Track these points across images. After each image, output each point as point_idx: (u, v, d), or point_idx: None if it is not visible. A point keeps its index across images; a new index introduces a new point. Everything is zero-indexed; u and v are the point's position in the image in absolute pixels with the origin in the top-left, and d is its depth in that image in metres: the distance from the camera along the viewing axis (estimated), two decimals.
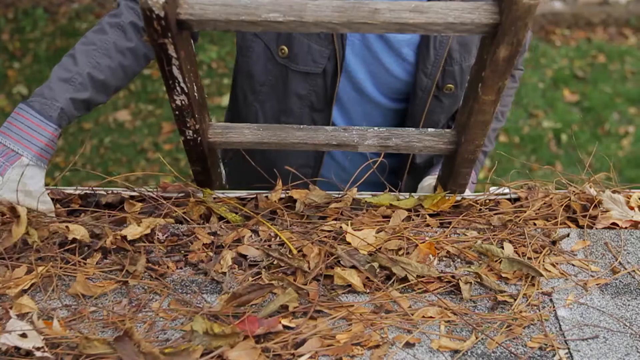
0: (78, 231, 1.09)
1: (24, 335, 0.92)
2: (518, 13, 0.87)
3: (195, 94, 1.05)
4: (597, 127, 4.17)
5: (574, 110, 4.31)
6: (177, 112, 1.06)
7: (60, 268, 1.07)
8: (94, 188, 1.26)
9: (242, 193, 1.27)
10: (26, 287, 1.03)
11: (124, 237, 1.11)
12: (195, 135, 1.11)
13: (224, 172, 1.35)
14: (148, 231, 1.12)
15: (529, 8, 0.87)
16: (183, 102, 1.04)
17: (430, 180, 1.47)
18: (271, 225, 1.16)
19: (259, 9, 0.92)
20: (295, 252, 1.10)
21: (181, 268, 1.11)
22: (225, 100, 4.28)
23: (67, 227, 1.11)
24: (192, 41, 1.03)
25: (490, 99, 1.02)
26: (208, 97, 5.00)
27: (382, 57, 1.41)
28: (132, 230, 1.10)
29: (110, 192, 1.24)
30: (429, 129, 1.18)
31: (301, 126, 1.19)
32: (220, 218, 1.21)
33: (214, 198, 1.24)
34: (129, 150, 3.99)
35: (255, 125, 1.18)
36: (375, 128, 1.18)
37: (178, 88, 1.01)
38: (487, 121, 1.07)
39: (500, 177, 1.33)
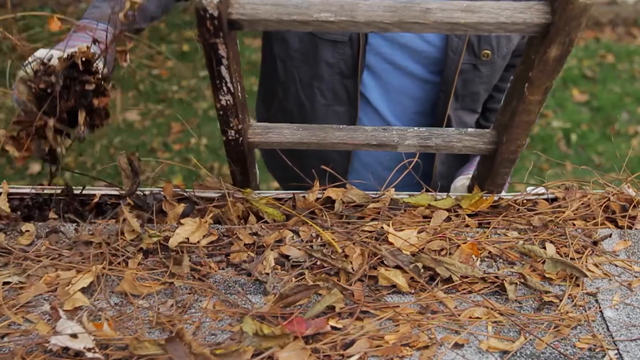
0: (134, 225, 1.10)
1: (74, 336, 0.92)
2: (573, 13, 0.87)
3: (239, 94, 1.05)
4: (607, 127, 4.18)
5: (583, 110, 4.31)
6: (221, 112, 1.06)
7: (109, 268, 1.07)
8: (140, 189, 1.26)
9: (279, 193, 1.26)
10: (85, 286, 1.03)
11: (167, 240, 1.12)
12: (237, 136, 1.11)
13: (258, 172, 1.34)
14: (198, 238, 1.12)
15: (584, 7, 0.86)
16: (228, 102, 1.03)
17: (463, 180, 1.46)
18: (312, 225, 1.16)
19: (310, 9, 0.92)
20: (339, 251, 1.09)
21: (223, 269, 1.11)
22: None
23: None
24: (237, 41, 1.03)
25: (537, 99, 1.02)
26: None
27: None
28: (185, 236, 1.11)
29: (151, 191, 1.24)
30: (469, 129, 1.18)
31: (341, 126, 1.18)
32: (259, 219, 1.21)
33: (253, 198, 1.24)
34: (138, 150, 3.98)
35: (295, 125, 1.18)
36: (415, 128, 1.18)
37: (224, 88, 1.00)
38: (532, 121, 1.06)
39: (512, 177, 1.33)
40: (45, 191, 1.26)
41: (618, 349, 0.96)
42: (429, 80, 1.50)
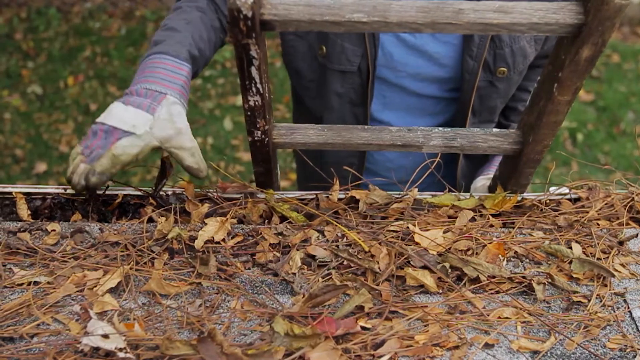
0: (169, 229, 1.10)
1: (105, 336, 0.92)
2: (608, 13, 0.87)
3: (267, 94, 1.05)
4: (613, 127, 4.18)
5: (589, 109, 4.32)
6: (249, 113, 1.05)
7: (136, 268, 1.07)
8: (160, 188, 1.25)
9: (302, 194, 1.26)
10: (114, 286, 1.03)
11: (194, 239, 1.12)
12: (263, 137, 1.11)
13: (279, 173, 1.34)
14: (222, 236, 1.12)
15: (619, 8, 0.86)
16: (256, 103, 1.03)
17: (483, 180, 1.46)
18: (337, 225, 1.16)
19: (342, 9, 0.92)
20: (367, 249, 1.10)
21: (249, 268, 1.11)
22: (240, 99, 4.27)
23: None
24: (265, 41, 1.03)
25: (566, 99, 1.02)
26: (222, 96, 4.92)
27: (428, 46, 1.41)
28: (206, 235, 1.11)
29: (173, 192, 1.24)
30: (494, 129, 1.18)
31: (365, 127, 1.18)
32: (282, 219, 1.21)
33: (277, 198, 1.23)
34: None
35: (320, 125, 1.18)
36: (440, 128, 1.18)
37: (254, 89, 1.00)
38: (559, 121, 1.06)
39: None
40: (68, 191, 1.26)
41: None
42: (445, 97, 1.49)
